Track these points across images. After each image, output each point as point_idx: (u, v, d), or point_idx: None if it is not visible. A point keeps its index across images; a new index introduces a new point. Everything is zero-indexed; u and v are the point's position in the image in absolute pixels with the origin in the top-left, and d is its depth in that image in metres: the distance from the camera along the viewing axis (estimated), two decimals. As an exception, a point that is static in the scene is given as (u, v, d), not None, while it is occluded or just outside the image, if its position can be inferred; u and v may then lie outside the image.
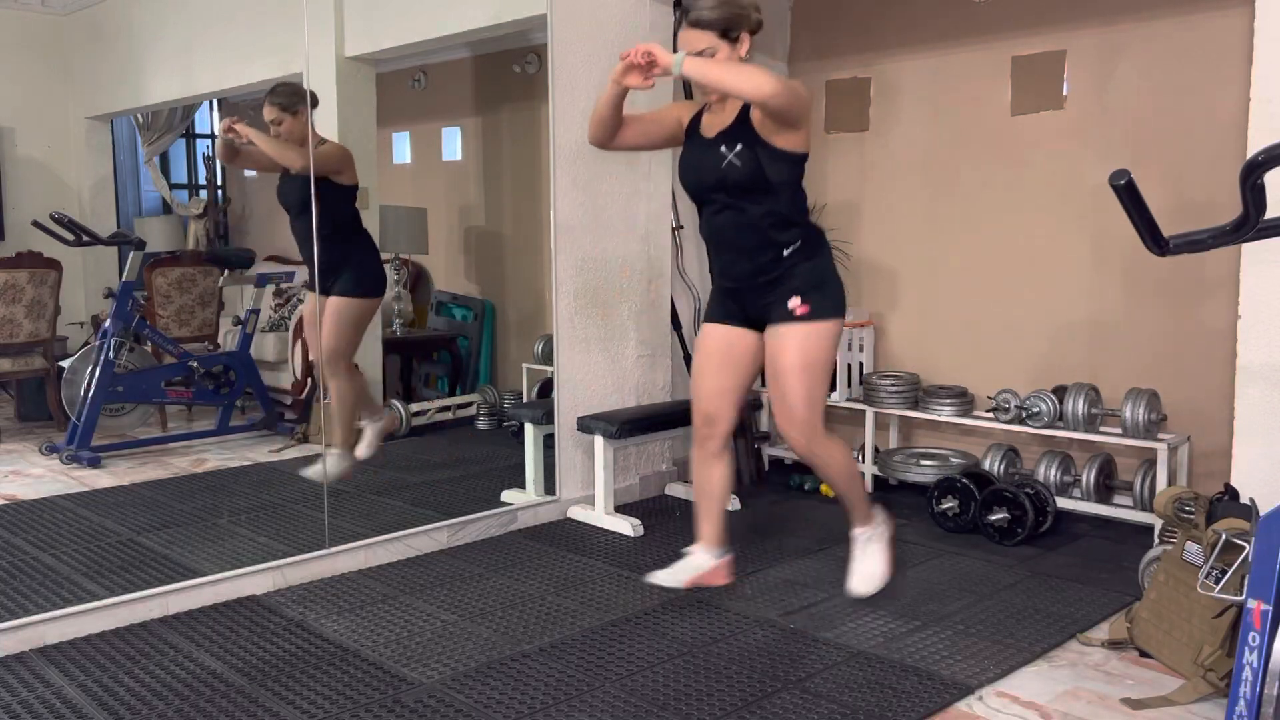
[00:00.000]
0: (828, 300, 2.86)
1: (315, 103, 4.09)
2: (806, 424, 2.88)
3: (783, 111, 2.64)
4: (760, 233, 2.80)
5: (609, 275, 4.28)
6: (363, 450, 4.36)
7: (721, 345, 2.98)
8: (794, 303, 2.82)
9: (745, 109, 2.78)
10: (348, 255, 4.03)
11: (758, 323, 2.94)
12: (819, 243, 2.90)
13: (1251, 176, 1.78)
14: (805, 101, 2.68)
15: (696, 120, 2.92)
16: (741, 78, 2.58)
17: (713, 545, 3.04)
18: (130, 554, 3.51)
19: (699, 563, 3.03)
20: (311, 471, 4.11)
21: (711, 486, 3.03)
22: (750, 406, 4.63)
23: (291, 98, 4.01)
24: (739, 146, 2.75)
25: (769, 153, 2.74)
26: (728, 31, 2.74)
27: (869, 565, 3.15)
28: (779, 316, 2.85)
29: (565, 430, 4.15)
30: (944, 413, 4.27)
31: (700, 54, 2.70)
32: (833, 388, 4.59)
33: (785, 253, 2.82)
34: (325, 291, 4.08)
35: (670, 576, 3.02)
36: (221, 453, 4.63)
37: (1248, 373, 3.06)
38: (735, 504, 4.21)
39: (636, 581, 3.36)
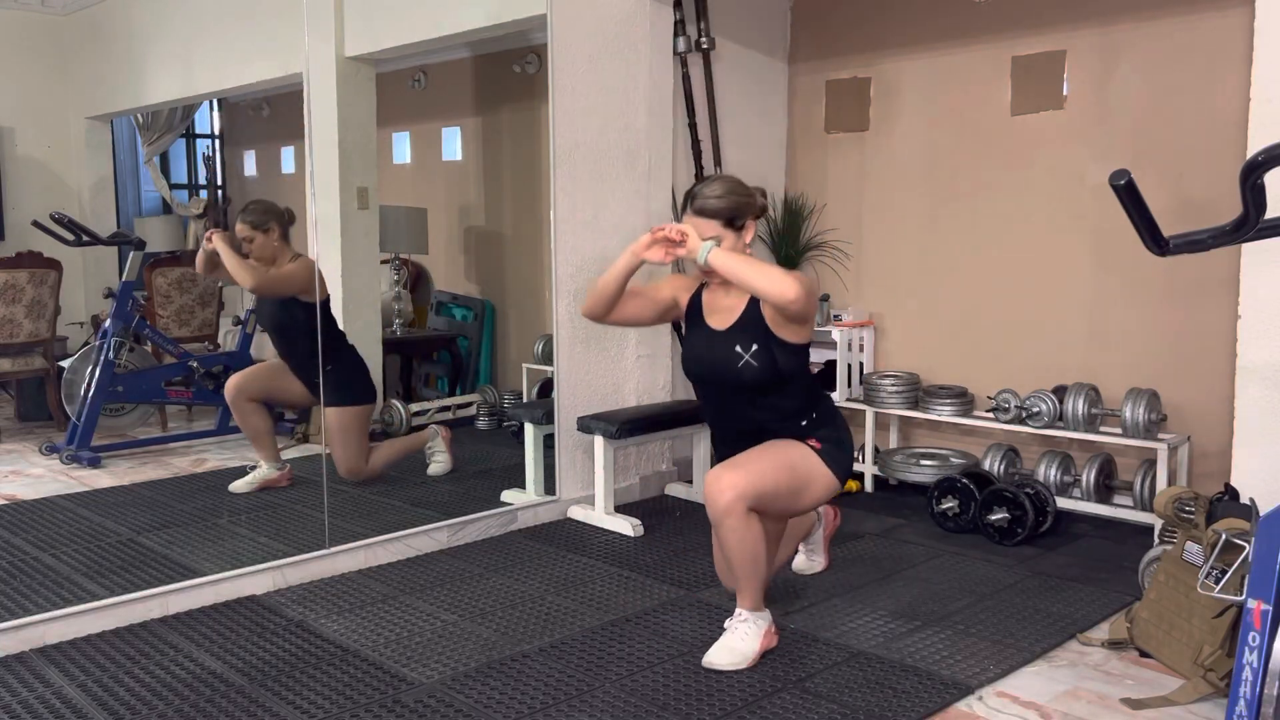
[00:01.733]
0: (840, 457, 2.81)
1: (291, 219, 4.13)
2: (743, 489, 2.60)
3: (798, 316, 2.64)
4: (775, 418, 2.78)
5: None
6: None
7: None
8: (812, 441, 2.79)
9: (754, 300, 2.74)
10: (331, 368, 4.01)
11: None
12: (833, 412, 2.87)
13: (1251, 176, 1.78)
14: (816, 297, 2.69)
15: (697, 300, 2.87)
16: (769, 280, 2.54)
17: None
18: (130, 554, 3.51)
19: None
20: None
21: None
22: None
23: (262, 216, 4.05)
24: (754, 346, 2.71)
25: (781, 348, 2.72)
26: (733, 220, 2.72)
27: (739, 642, 2.75)
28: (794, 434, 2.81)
29: (565, 430, 4.15)
30: (944, 413, 4.27)
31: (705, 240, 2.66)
32: (833, 388, 4.59)
33: (803, 423, 2.80)
34: (317, 399, 4.14)
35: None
36: (221, 453, 4.63)
37: (1248, 373, 3.06)
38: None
39: (637, 581, 3.36)
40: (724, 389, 2.81)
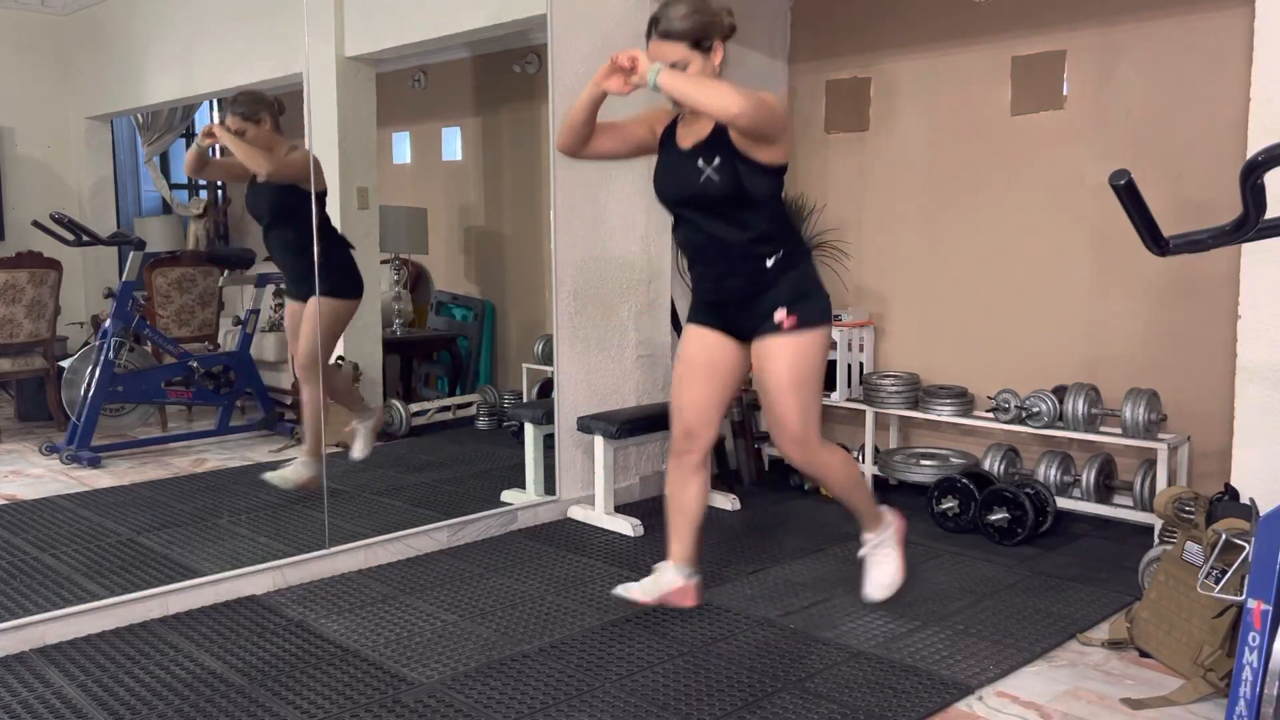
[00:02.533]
0: (814, 309, 2.79)
1: (281, 109, 4.06)
2: (803, 439, 2.84)
3: (753, 129, 2.59)
4: (741, 246, 2.75)
5: (609, 275, 4.28)
6: (358, 451, 4.36)
7: (704, 355, 2.91)
8: (780, 315, 2.75)
9: None
10: (321, 260, 3.95)
11: (740, 333, 2.88)
12: (801, 252, 2.85)
13: (1251, 176, 1.78)
14: (779, 115, 2.63)
15: (671, 130, 2.86)
16: (711, 95, 2.51)
17: (684, 564, 2.96)
18: (130, 554, 3.51)
19: (669, 579, 2.95)
20: (275, 477, 4.06)
21: (687, 503, 2.95)
22: (749, 406, 4.63)
23: (253, 105, 3.98)
24: (717, 160, 2.70)
25: (747, 166, 2.68)
26: (700, 41, 2.69)
27: (882, 570, 3.11)
28: (765, 329, 2.78)
29: (565, 430, 4.15)
30: (944, 413, 4.27)
31: (673, 66, 2.65)
32: (832, 388, 4.59)
33: (768, 264, 2.76)
34: (303, 297, 4.07)
35: (643, 591, 2.94)
36: (221, 453, 4.63)
37: (1248, 373, 3.06)
38: (735, 504, 4.21)
39: (637, 581, 3.36)
40: (690, 210, 2.79)
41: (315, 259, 3.85)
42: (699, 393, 2.91)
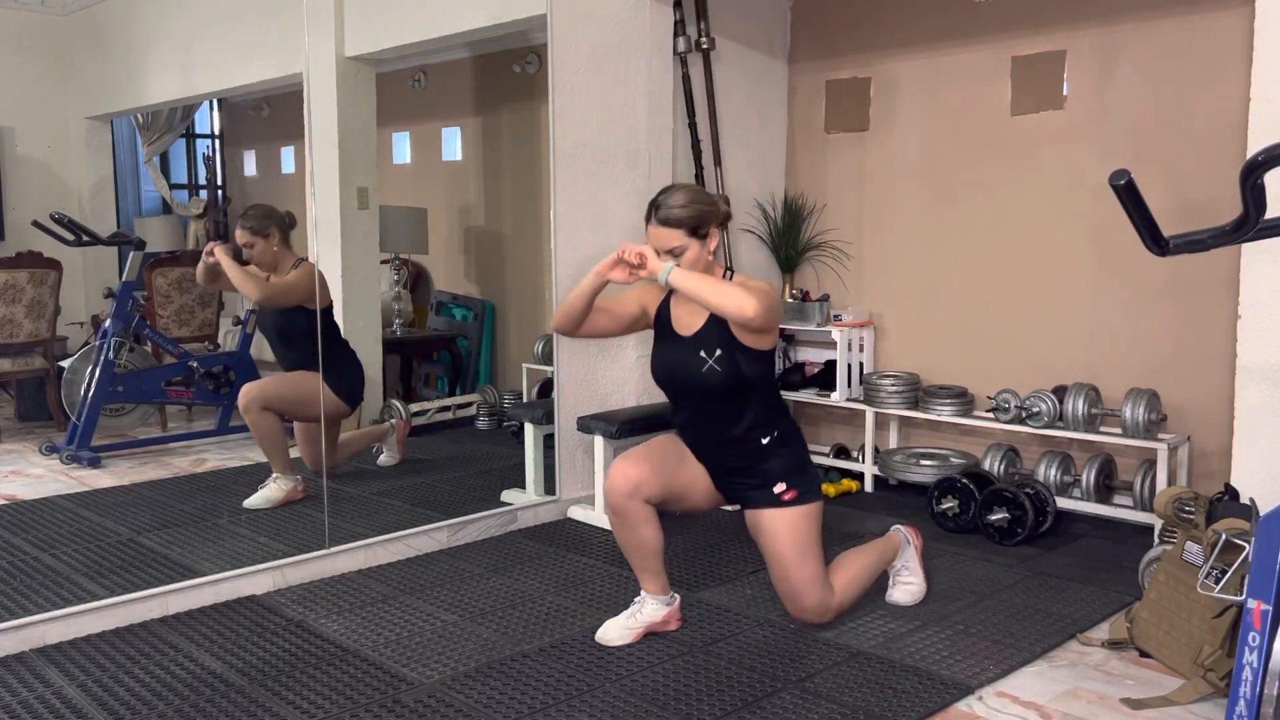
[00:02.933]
0: (811, 483, 2.89)
1: (292, 224, 4.09)
2: (821, 603, 2.88)
3: (759, 329, 2.70)
4: (740, 428, 2.83)
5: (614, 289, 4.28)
6: (388, 459, 4.54)
7: (683, 461, 2.90)
8: (780, 488, 2.83)
9: None
10: (331, 373, 4.01)
11: (727, 493, 2.96)
12: (793, 429, 2.93)
13: (1251, 176, 1.78)
14: (779, 309, 2.74)
15: (665, 309, 2.93)
16: (726, 298, 2.59)
17: (660, 593, 2.90)
18: (130, 554, 3.51)
19: (651, 611, 2.89)
20: (255, 501, 4.02)
21: (646, 542, 2.82)
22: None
23: (263, 221, 4.01)
24: (718, 352, 2.78)
25: (745, 354, 2.78)
26: (697, 229, 2.75)
27: (909, 586, 3.18)
28: (763, 501, 2.84)
29: (565, 430, 4.15)
30: (944, 413, 4.27)
31: (671, 251, 2.72)
32: (832, 388, 4.59)
33: (764, 442, 2.85)
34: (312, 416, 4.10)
35: (620, 633, 2.85)
36: (221, 453, 4.63)
37: (1248, 373, 3.06)
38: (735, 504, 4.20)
39: (637, 581, 3.36)
40: (690, 395, 2.87)
41: (325, 373, 3.95)
42: (662, 469, 2.81)
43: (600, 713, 2.45)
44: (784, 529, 2.83)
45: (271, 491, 4.01)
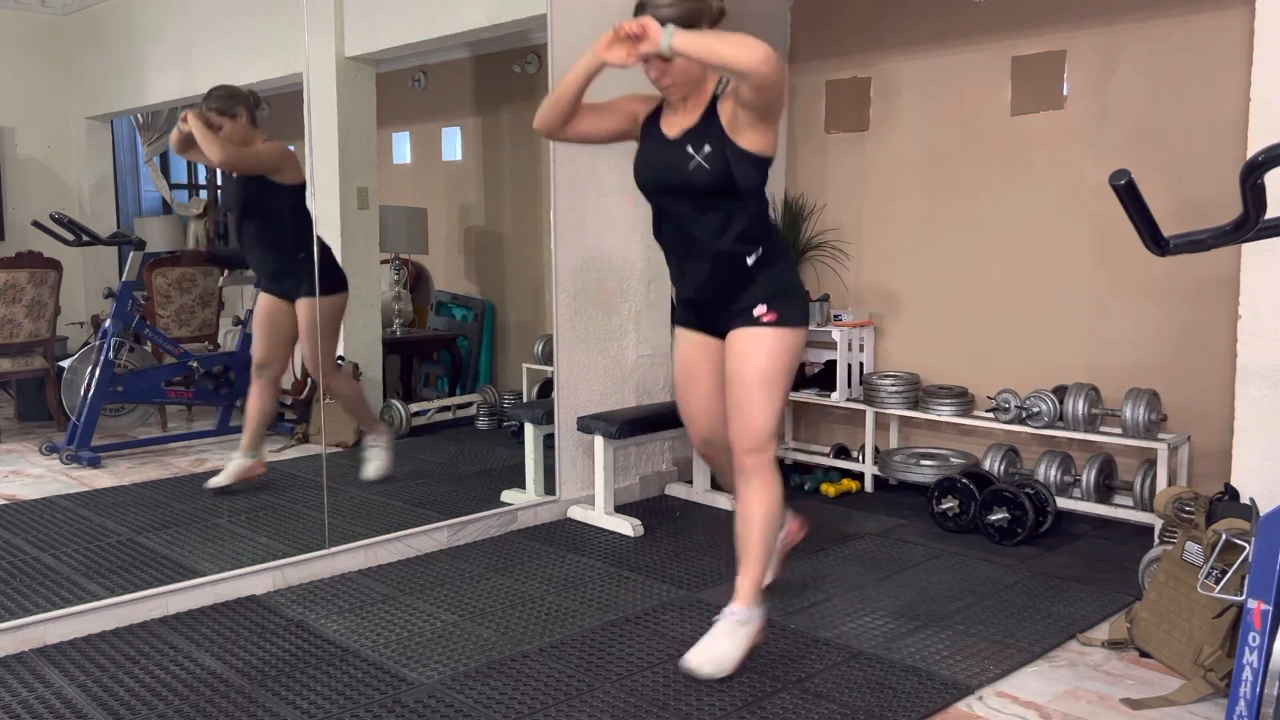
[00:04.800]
0: (795, 308, 2.71)
1: (257, 103, 4.05)
2: (763, 437, 2.66)
3: (770, 88, 2.45)
4: (724, 240, 2.66)
5: (609, 275, 4.28)
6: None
7: (700, 362, 2.85)
8: (760, 309, 2.67)
9: (712, 106, 2.65)
10: (297, 256, 3.94)
11: (721, 331, 2.79)
12: (781, 250, 2.76)
13: (1251, 176, 1.78)
14: (784, 74, 2.51)
15: (654, 117, 2.77)
16: (736, 49, 2.37)
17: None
18: (130, 554, 3.51)
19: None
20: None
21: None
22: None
23: (228, 101, 3.97)
24: (707, 148, 2.60)
25: (737, 154, 2.60)
26: (689, 27, 2.55)
27: (725, 646, 2.65)
28: (742, 321, 2.69)
29: (565, 430, 4.15)
30: (944, 413, 4.27)
31: (660, 56, 2.53)
32: (832, 388, 4.59)
33: (749, 260, 2.68)
34: (286, 296, 4.06)
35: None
36: (221, 453, 4.62)
37: (1248, 373, 3.06)
38: (735, 504, 4.20)
39: (636, 581, 3.36)
40: (673, 200, 2.69)
41: (294, 253, 3.87)
42: (706, 403, 2.87)
43: (600, 713, 2.45)
44: (754, 348, 2.65)
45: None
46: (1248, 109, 3.03)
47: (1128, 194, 1.87)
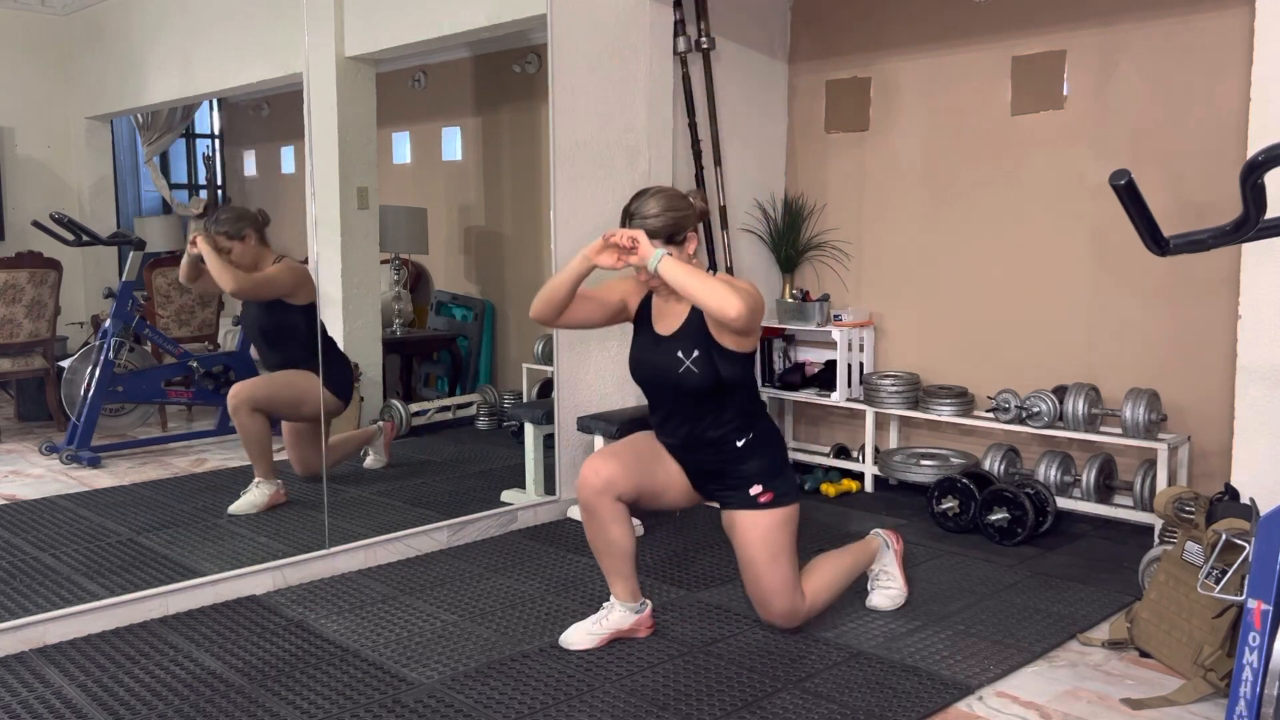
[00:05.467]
0: (788, 486, 2.84)
1: (265, 221, 4.05)
2: (790, 609, 2.84)
3: (744, 331, 2.67)
4: (716, 431, 2.79)
5: (609, 275, 4.27)
6: (374, 461, 4.51)
7: (660, 460, 2.88)
8: (757, 490, 2.79)
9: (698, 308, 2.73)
10: (312, 368, 3.98)
11: (703, 492, 2.92)
12: (771, 431, 2.88)
13: (1252, 176, 1.78)
14: (762, 312, 2.68)
15: (645, 306, 2.89)
16: (713, 295, 2.52)
17: (630, 599, 2.86)
18: (130, 554, 3.51)
19: (617, 620, 2.84)
20: (240, 506, 3.97)
21: (615, 546, 2.79)
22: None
23: (236, 223, 3.95)
24: (695, 353, 2.73)
25: (724, 356, 2.73)
26: (673, 237, 2.71)
27: (890, 588, 3.14)
28: (740, 503, 2.81)
29: (565, 430, 4.15)
30: (944, 413, 4.27)
31: None
32: (832, 388, 4.59)
33: (738, 444, 2.80)
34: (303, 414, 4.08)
35: (584, 638, 2.81)
36: (221, 453, 4.63)
37: (1248, 373, 3.06)
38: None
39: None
40: (666, 394, 2.83)
41: (309, 367, 3.93)
42: (638, 468, 2.80)
43: (600, 713, 2.45)
44: (757, 532, 2.79)
45: (256, 496, 3.97)
46: (1248, 109, 3.03)
47: (1128, 194, 1.87)
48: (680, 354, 2.76)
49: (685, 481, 2.91)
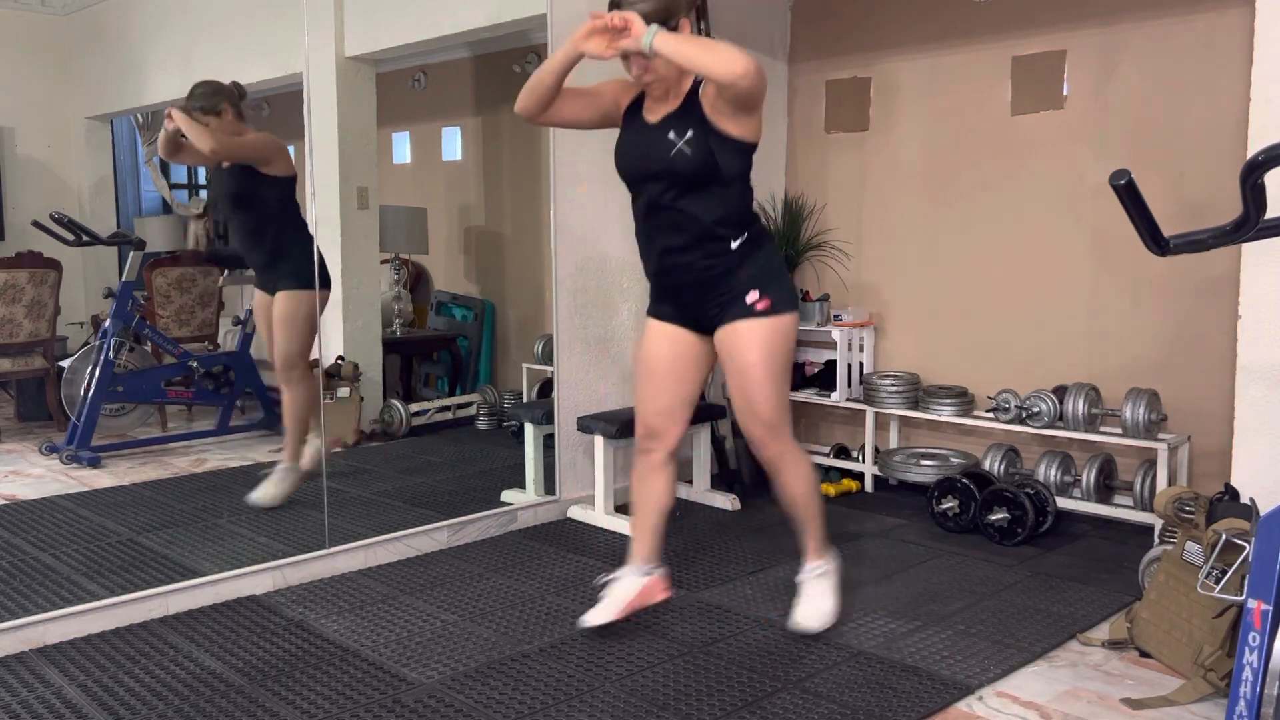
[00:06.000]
0: (785, 293, 2.69)
1: (242, 95, 3.98)
2: (777, 426, 2.73)
3: (748, 97, 2.47)
4: (707, 226, 2.62)
5: (609, 275, 4.28)
6: (259, 493, 4.16)
7: (666, 352, 2.81)
8: (753, 296, 2.64)
9: (694, 91, 2.61)
10: (283, 249, 3.92)
11: (702, 323, 2.76)
12: (765, 236, 2.74)
13: (1252, 176, 1.78)
14: (765, 81, 2.49)
15: (637, 104, 2.73)
16: (716, 57, 2.36)
17: (644, 561, 2.88)
18: (130, 554, 3.51)
19: (628, 588, 2.87)
20: (260, 498, 3.96)
21: (651, 498, 2.84)
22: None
23: (212, 97, 3.90)
24: (690, 133, 2.57)
25: (720, 140, 2.57)
26: (665, 21, 2.53)
27: (820, 601, 2.94)
28: (735, 313, 2.66)
29: (565, 430, 4.15)
30: (944, 413, 4.27)
31: (639, 52, 2.50)
32: (832, 388, 4.59)
33: (732, 245, 2.64)
34: (268, 289, 4.01)
35: (602, 613, 2.84)
36: (221, 453, 4.63)
37: (1248, 373, 3.06)
38: (735, 504, 4.20)
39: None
40: (655, 187, 2.64)
41: (279, 245, 3.83)
42: (661, 390, 2.81)
43: (600, 713, 2.45)
44: (754, 339, 2.64)
45: (284, 485, 3.93)
46: (1248, 109, 3.03)
47: (1128, 194, 1.87)
48: (673, 135, 2.58)
49: (692, 347, 2.79)
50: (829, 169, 4.86)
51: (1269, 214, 1.93)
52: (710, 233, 2.64)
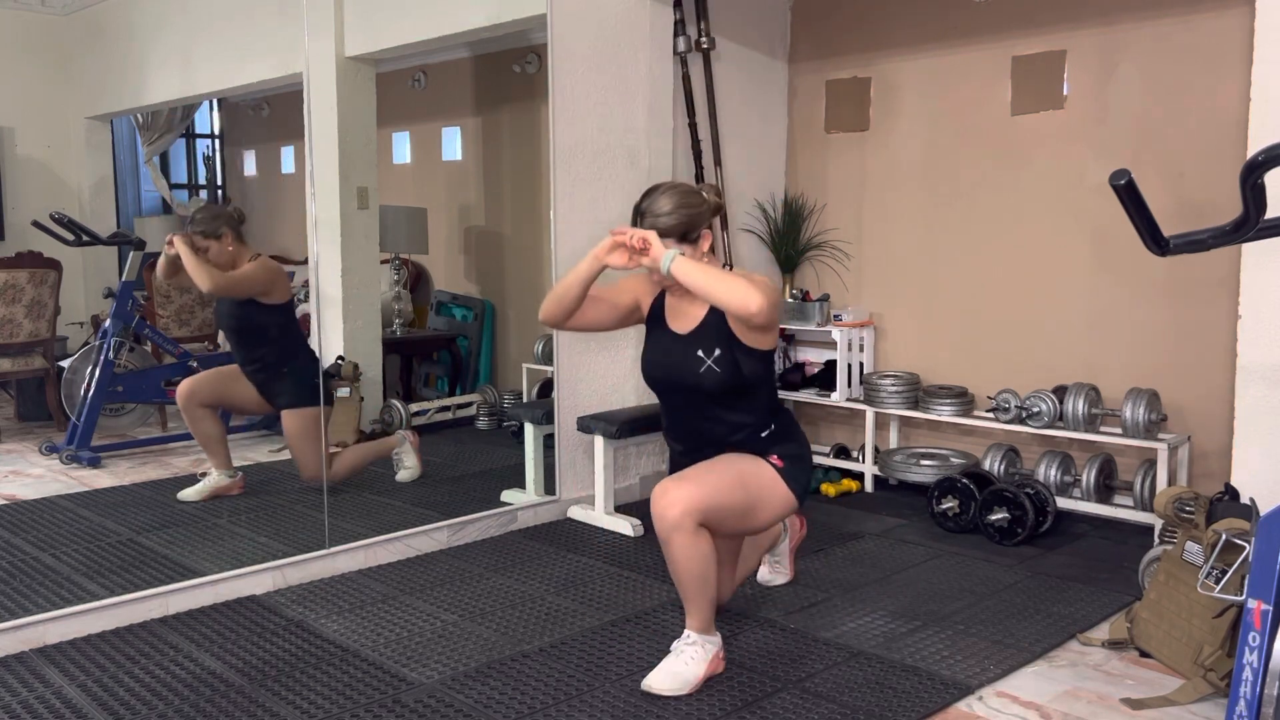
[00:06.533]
0: (802, 474, 2.72)
1: (242, 219, 4.10)
2: (693, 504, 2.48)
3: (763, 326, 2.55)
4: (736, 423, 2.68)
5: (609, 275, 4.27)
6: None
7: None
8: (774, 458, 2.68)
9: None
10: (285, 371, 4.06)
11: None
12: (793, 425, 2.79)
13: (1252, 176, 1.78)
14: (782, 305, 2.53)
15: (659, 305, 2.78)
16: (732, 292, 2.40)
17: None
18: (130, 554, 3.51)
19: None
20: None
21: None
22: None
23: (212, 223, 3.99)
24: (717, 351, 2.62)
25: (746, 353, 2.63)
26: (686, 235, 2.61)
27: (682, 667, 2.59)
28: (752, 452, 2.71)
29: (565, 430, 4.15)
30: (944, 413, 4.27)
31: None
32: (833, 388, 4.59)
33: (762, 435, 2.71)
34: (271, 404, 4.11)
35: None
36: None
37: (1248, 373, 3.06)
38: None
39: (636, 581, 3.36)
40: (684, 396, 2.71)
41: (280, 368, 4.02)
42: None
43: (600, 713, 2.45)
44: (749, 462, 2.65)
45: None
46: (1248, 109, 3.03)
47: (1128, 194, 1.87)
48: (701, 353, 2.64)
49: None
50: (829, 169, 4.86)
51: (1269, 214, 1.92)
52: (740, 426, 2.70)
